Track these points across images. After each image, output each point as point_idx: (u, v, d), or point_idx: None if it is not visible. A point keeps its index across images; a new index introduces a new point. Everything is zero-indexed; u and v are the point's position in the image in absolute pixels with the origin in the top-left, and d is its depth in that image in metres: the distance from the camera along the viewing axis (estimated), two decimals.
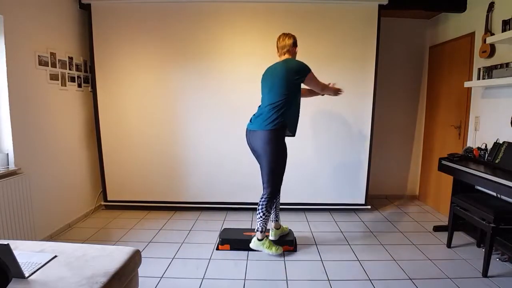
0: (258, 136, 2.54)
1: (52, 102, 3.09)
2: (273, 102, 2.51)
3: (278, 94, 2.50)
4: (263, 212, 2.62)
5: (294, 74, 2.51)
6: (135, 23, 3.51)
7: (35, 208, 2.73)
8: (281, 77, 2.51)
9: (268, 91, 2.56)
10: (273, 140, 2.49)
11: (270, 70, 2.65)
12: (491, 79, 2.88)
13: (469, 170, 2.72)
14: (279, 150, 2.54)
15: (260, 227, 2.65)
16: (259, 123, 2.54)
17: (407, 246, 2.92)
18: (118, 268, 1.56)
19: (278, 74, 2.53)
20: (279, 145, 2.53)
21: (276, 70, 2.57)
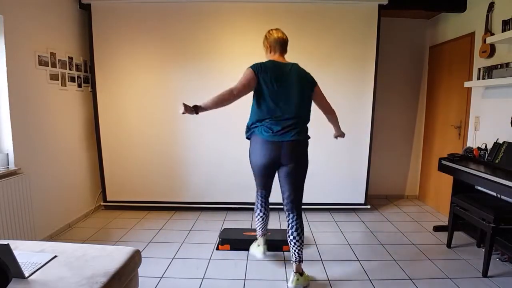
0: (302, 146, 2.20)
1: (52, 102, 3.09)
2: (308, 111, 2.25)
3: (309, 104, 2.26)
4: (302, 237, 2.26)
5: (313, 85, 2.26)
6: (135, 23, 3.51)
7: (35, 208, 2.73)
8: (310, 85, 2.24)
9: (302, 97, 2.19)
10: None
11: (295, 71, 2.21)
12: (491, 79, 2.88)
13: (469, 170, 2.72)
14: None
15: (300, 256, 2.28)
16: (305, 132, 2.22)
17: (407, 246, 2.92)
18: (118, 268, 1.56)
19: (309, 80, 2.24)
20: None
21: (306, 75, 2.25)
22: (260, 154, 2.20)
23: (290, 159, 2.17)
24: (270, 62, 2.20)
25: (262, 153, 2.18)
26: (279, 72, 2.16)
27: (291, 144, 2.14)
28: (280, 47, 2.24)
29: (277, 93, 2.13)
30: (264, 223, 2.53)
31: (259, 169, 2.28)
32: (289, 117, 2.14)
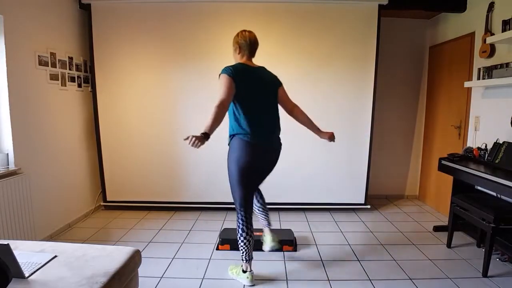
0: (278, 153, 2.32)
1: (52, 102, 3.09)
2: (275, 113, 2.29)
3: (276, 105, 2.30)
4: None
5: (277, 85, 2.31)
6: (135, 23, 3.51)
7: (35, 208, 2.73)
8: (276, 87, 2.28)
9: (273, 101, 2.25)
10: None
11: (266, 76, 2.27)
12: (491, 79, 2.88)
13: (469, 170, 2.72)
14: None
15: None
16: (278, 138, 2.30)
17: (407, 246, 2.92)
18: (118, 268, 1.56)
19: (276, 84, 2.29)
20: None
21: (274, 79, 2.30)
22: (256, 157, 2.13)
23: (273, 163, 2.33)
24: (241, 65, 2.18)
25: (259, 156, 2.14)
26: (251, 76, 2.16)
27: (278, 150, 2.30)
28: (252, 51, 2.22)
29: (253, 97, 2.13)
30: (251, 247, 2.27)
31: (253, 173, 2.19)
32: (270, 122, 2.23)
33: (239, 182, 2.17)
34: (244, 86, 2.09)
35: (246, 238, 2.22)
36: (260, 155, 2.16)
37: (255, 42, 2.21)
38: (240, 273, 2.31)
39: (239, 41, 2.21)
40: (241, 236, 2.23)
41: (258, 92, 2.17)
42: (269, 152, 2.25)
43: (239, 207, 2.25)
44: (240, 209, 2.24)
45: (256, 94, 2.15)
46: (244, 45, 2.19)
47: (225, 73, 2.09)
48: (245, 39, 2.19)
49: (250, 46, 2.20)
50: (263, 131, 2.17)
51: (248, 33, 2.22)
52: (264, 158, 2.22)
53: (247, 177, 2.16)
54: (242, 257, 2.26)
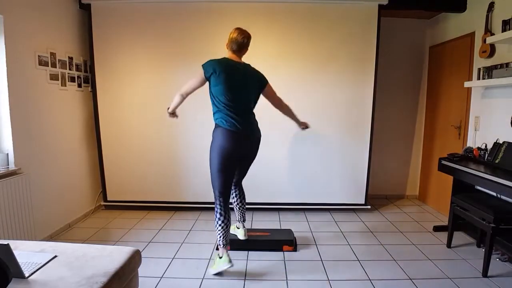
0: (258, 141, 2.50)
1: (52, 102, 3.09)
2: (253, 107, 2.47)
3: (255, 100, 2.47)
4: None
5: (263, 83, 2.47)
6: (135, 23, 3.51)
7: (35, 208, 2.73)
8: (260, 84, 2.45)
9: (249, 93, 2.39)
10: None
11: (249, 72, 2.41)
12: (491, 79, 2.88)
13: (469, 170, 2.72)
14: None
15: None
16: (257, 127, 2.48)
17: (407, 246, 2.92)
18: (118, 268, 1.56)
19: (260, 80, 2.44)
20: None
21: (258, 76, 2.45)
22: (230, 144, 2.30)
23: (253, 151, 2.49)
24: (225, 59, 2.35)
25: (231, 143, 2.30)
26: (231, 70, 2.31)
27: (257, 137, 2.45)
28: (237, 47, 2.35)
29: (234, 90, 2.29)
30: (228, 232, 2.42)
31: (227, 163, 2.34)
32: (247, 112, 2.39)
33: (219, 169, 2.34)
34: (225, 79, 2.27)
35: (224, 223, 2.37)
36: (238, 141, 2.31)
37: (236, 39, 2.33)
38: (217, 261, 2.38)
39: (230, 36, 2.36)
40: (219, 221, 2.37)
41: (239, 85, 2.32)
42: (248, 139, 2.40)
43: (218, 194, 2.40)
44: (218, 196, 2.40)
45: (236, 87, 2.31)
46: (230, 41, 2.35)
47: (203, 69, 2.35)
48: (231, 36, 2.35)
49: (233, 42, 2.34)
50: (241, 120, 2.31)
51: (236, 31, 2.34)
52: (242, 145, 2.35)
53: (226, 163, 2.33)
54: (219, 241, 2.38)
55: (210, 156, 2.41)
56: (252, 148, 2.48)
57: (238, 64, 2.36)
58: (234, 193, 2.74)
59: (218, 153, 2.33)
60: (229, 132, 2.29)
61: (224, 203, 2.40)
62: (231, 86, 2.28)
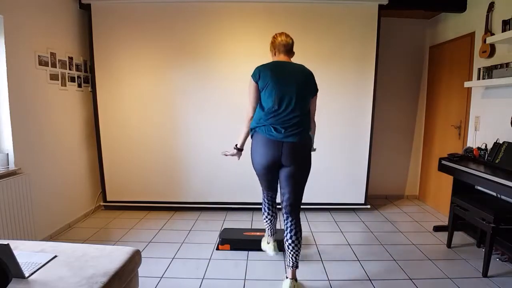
0: (305, 148, 2.17)
1: (52, 102, 3.09)
2: (307, 111, 2.22)
3: (308, 103, 2.22)
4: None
5: (315, 87, 2.24)
6: (135, 23, 3.51)
7: (35, 208, 2.73)
8: (312, 90, 2.22)
9: (303, 97, 2.15)
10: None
11: (299, 71, 2.21)
12: (491, 79, 2.88)
13: (469, 170, 2.72)
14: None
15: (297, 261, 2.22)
16: (305, 133, 2.16)
17: (407, 246, 2.92)
18: (118, 268, 1.56)
19: (312, 84, 2.22)
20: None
21: (310, 78, 2.22)
22: (261, 153, 2.15)
23: (291, 161, 2.11)
24: (272, 62, 2.23)
25: (264, 152, 2.14)
26: (280, 70, 2.15)
27: (292, 145, 2.09)
28: (284, 50, 2.24)
29: (277, 92, 2.10)
30: (272, 225, 2.57)
31: (261, 169, 2.22)
32: (292, 117, 2.10)
33: (257, 174, 2.33)
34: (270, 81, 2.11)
35: (268, 217, 2.52)
36: (271, 149, 2.11)
37: (284, 41, 2.25)
38: (264, 244, 2.67)
39: (272, 45, 2.31)
40: (264, 213, 2.54)
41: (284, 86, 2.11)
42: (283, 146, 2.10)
43: (263, 191, 2.48)
44: (263, 192, 2.48)
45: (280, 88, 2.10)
46: (277, 46, 2.27)
47: (251, 77, 2.18)
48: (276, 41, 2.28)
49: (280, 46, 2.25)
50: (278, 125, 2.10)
51: (278, 35, 2.30)
52: (276, 153, 2.10)
53: (259, 171, 2.27)
54: (267, 233, 2.62)
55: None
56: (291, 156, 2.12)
57: (289, 64, 2.23)
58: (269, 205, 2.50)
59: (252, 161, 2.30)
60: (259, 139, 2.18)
61: (266, 199, 2.49)
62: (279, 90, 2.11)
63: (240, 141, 2.32)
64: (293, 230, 2.20)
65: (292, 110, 2.10)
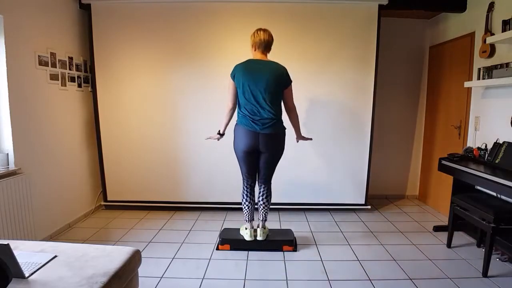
0: (278, 138, 2.61)
1: (52, 102, 3.09)
2: (279, 104, 2.58)
3: (280, 97, 2.58)
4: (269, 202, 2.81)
5: (286, 79, 2.56)
6: (135, 23, 3.51)
7: (35, 208, 2.73)
8: (284, 80, 2.53)
9: (274, 92, 2.50)
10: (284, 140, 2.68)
11: (267, 70, 2.48)
12: (491, 79, 2.88)
13: (469, 170, 2.72)
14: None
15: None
16: (279, 125, 2.57)
17: (407, 246, 2.92)
18: (118, 268, 1.56)
19: (283, 77, 2.53)
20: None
21: (281, 73, 2.52)
22: (242, 142, 2.57)
23: (267, 148, 2.56)
24: (247, 61, 2.54)
25: (244, 141, 2.55)
26: (252, 69, 2.48)
27: (267, 136, 2.52)
28: (261, 47, 2.53)
29: (250, 89, 2.46)
30: (250, 211, 2.80)
31: (241, 154, 2.63)
32: (265, 110, 2.48)
33: (238, 160, 2.72)
34: (243, 78, 2.47)
35: (246, 203, 2.76)
36: (248, 137, 2.52)
37: (263, 40, 2.51)
38: (243, 230, 2.84)
39: (251, 39, 2.56)
40: (243, 200, 2.78)
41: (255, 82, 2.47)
42: (258, 137, 2.52)
43: (243, 177, 2.77)
44: (243, 178, 2.78)
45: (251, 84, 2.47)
46: (256, 43, 2.53)
47: (230, 75, 2.56)
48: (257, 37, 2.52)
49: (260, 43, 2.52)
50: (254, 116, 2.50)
51: (260, 32, 2.53)
52: (253, 142, 2.53)
53: (240, 157, 2.66)
54: (244, 217, 2.81)
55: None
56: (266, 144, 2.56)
57: (262, 63, 2.52)
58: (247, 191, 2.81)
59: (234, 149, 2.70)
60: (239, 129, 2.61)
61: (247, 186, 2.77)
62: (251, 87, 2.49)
63: (222, 128, 2.75)
64: (265, 193, 2.76)
65: (264, 104, 2.48)
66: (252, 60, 2.53)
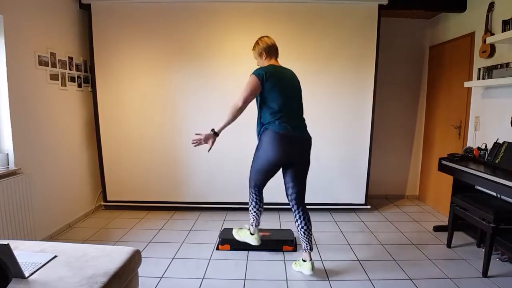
0: (310, 144, 2.38)
1: (52, 102, 3.09)
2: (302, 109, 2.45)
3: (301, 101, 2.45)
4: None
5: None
6: (135, 23, 3.51)
7: (35, 208, 2.73)
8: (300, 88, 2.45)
9: (298, 99, 2.40)
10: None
11: (291, 76, 2.41)
12: (491, 79, 2.88)
13: (469, 170, 2.72)
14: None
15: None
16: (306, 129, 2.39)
17: (407, 246, 2.92)
18: (118, 268, 1.56)
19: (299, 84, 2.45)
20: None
21: (296, 79, 2.44)
22: (279, 149, 2.23)
23: (303, 156, 2.34)
24: (272, 66, 2.33)
25: (283, 147, 2.23)
26: (283, 75, 2.33)
27: (308, 141, 2.34)
28: (275, 53, 2.40)
29: (284, 94, 2.26)
30: (259, 217, 2.54)
31: (271, 164, 2.30)
32: (299, 116, 2.37)
33: (262, 170, 2.34)
34: (277, 83, 2.25)
35: (257, 209, 2.47)
36: (289, 145, 2.25)
37: (274, 45, 2.40)
38: (248, 235, 2.56)
39: (258, 47, 2.39)
40: (254, 208, 2.47)
41: (289, 88, 2.33)
42: (299, 143, 2.30)
43: (254, 186, 2.43)
44: (254, 186, 2.43)
45: (287, 90, 2.30)
46: (267, 49, 2.36)
47: (254, 74, 2.25)
48: (266, 44, 2.37)
49: (271, 49, 2.38)
50: (293, 122, 2.28)
51: (266, 38, 2.40)
52: (292, 149, 2.27)
53: (271, 167, 2.32)
54: (251, 223, 2.52)
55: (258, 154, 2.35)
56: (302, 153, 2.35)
57: (285, 70, 2.40)
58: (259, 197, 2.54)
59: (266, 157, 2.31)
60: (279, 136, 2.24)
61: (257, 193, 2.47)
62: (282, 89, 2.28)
63: (220, 127, 2.32)
64: (305, 216, 2.38)
65: (298, 110, 2.37)
66: (276, 66, 2.35)
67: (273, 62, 2.38)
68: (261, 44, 2.37)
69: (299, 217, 2.37)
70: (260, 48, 2.37)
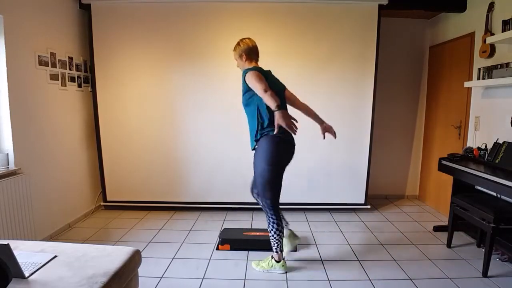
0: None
1: (52, 102, 3.09)
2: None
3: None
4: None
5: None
6: (135, 23, 3.51)
7: (35, 208, 2.73)
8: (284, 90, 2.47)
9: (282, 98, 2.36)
10: None
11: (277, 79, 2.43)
12: (491, 79, 2.88)
13: (469, 170, 2.72)
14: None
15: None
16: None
17: (407, 246, 2.92)
18: (118, 268, 1.56)
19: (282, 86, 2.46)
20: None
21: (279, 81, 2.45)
22: (284, 152, 2.29)
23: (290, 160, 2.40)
24: (260, 68, 2.32)
25: (287, 150, 2.32)
26: (272, 78, 2.35)
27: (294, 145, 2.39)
28: (256, 55, 2.37)
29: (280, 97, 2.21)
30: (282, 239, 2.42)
31: (282, 168, 2.31)
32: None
33: (273, 181, 2.26)
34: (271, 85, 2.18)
35: (280, 231, 2.35)
36: (287, 149, 2.32)
37: (256, 47, 2.37)
38: (274, 264, 2.42)
39: (240, 49, 2.35)
40: (276, 231, 2.34)
41: (279, 91, 2.32)
42: (292, 144, 2.38)
43: (271, 208, 2.32)
44: (271, 208, 2.32)
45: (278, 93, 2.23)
46: (249, 51, 2.33)
47: (255, 70, 2.21)
48: (248, 46, 2.33)
49: (253, 51, 2.34)
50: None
51: (248, 40, 2.37)
52: (289, 152, 2.35)
53: (280, 174, 2.29)
54: (275, 249, 2.38)
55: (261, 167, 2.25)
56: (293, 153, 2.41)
57: (268, 72, 2.38)
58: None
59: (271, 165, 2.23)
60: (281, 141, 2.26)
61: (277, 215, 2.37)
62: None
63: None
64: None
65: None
66: (263, 69, 2.31)
67: (254, 65, 2.33)
68: (242, 46, 2.33)
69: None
70: (240, 50, 2.34)
